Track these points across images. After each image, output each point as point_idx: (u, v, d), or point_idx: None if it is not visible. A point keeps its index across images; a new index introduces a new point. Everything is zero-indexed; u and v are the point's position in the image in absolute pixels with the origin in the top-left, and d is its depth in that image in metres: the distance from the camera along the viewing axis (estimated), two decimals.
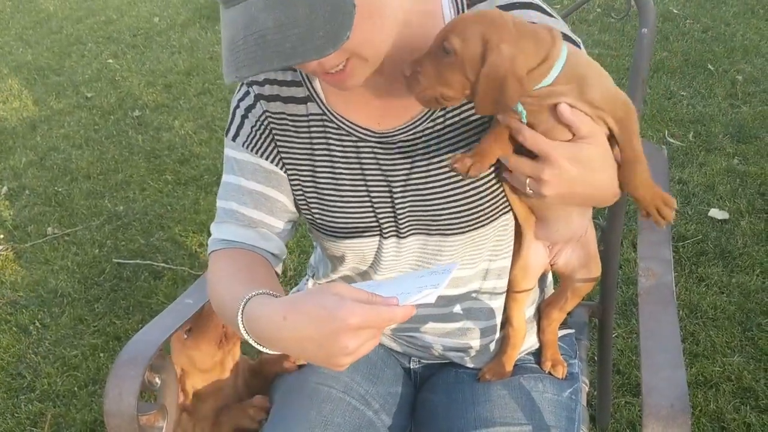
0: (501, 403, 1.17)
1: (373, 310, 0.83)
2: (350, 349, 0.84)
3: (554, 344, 1.25)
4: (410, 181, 1.09)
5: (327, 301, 0.85)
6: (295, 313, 0.87)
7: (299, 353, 0.89)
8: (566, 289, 1.21)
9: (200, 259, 2.76)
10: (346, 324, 0.82)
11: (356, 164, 1.10)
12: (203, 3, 5.38)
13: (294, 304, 0.89)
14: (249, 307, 0.95)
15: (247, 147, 1.13)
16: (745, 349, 2.10)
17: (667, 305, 1.09)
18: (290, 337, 0.87)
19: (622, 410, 1.95)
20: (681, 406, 0.92)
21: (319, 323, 0.84)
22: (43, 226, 3.10)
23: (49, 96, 4.32)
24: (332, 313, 0.83)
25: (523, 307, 1.19)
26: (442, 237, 1.11)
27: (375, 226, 1.12)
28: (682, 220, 2.62)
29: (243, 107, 1.13)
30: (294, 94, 1.10)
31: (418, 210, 1.10)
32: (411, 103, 1.05)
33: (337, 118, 1.09)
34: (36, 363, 2.38)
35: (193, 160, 3.44)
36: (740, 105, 3.29)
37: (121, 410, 1.08)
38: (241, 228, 1.14)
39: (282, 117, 1.11)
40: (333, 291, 0.86)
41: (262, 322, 0.92)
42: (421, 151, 1.07)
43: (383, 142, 1.08)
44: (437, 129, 1.06)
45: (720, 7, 4.25)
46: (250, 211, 1.13)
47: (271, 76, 1.11)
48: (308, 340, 0.86)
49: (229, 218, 1.14)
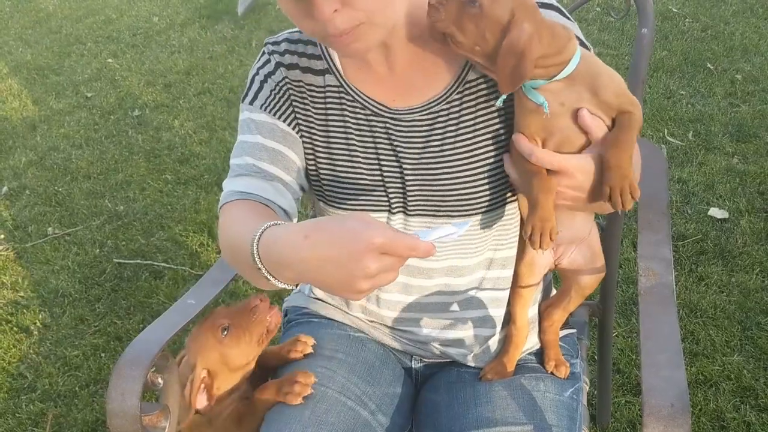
0: (502, 403, 1.17)
1: (398, 234, 0.83)
2: (371, 270, 0.81)
3: (556, 344, 1.25)
4: (422, 161, 1.11)
5: (352, 223, 0.83)
6: (317, 231, 0.85)
7: (317, 275, 0.85)
8: (569, 289, 1.21)
9: (201, 259, 2.77)
10: (371, 242, 0.80)
11: (369, 138, 1.13)
12: (203, 2, 5.38)
13: (318, 225, 0.86)
14: (266, 234, 0.91)
15: (265, 109, 1.15)
16: (745, 348, 2.11)
17: (667, 305, 1.09)
18: (310, 257, 0.84)
19: (623, 409, 1.96)
20: (681, 406, 0.92)
21: (343, 242, 0.82)
22: (44, 226, 3.10)
23: (49, 96, 4.32)
24: (357, 232, 0.81)
25: (527, 305, 1.20)
26: (449, 219, 1.13)
27: (384, 200, 1.14)
28: (682, 220, 2.62)
29: (263, 74, 1.16)
30: (312, 65, 1.14)
31: (427, 190, 1.12)
32: (427, 85, 1.09)
33: (354, 91, 1.12)
34: (37, 363, 2.38)
35: (193, 160, 3.44)
36: (739, 104, 3.29)
37: (123, 410, 1.08)
38: (256, 180, 1.12)
39: (300, 85, 1.14)
40: (357, 216, 0.85)
41: (281, 243, 0.88)
42: (435, 133, 1.10)
43: (397, 119, 1.10)
44: (453, 112, 1.09)
45: (719, 6, 4.25)
46: (267, 165, 1.13)
47: (292, 48, 1.15)
48: (329, 260, 0.82)
49: (244, 171, 1.13)
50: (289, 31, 1.18)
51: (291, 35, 1.17)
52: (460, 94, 1.08)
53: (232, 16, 5.06)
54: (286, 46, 1.16)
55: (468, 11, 0.95)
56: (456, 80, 1.08)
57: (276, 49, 1.17)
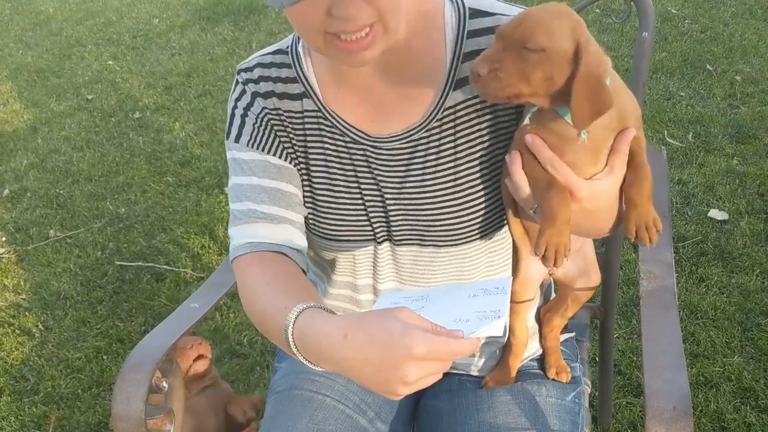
0: (504, 409, 1.17)
1: (439, 341, 0.79)
2: (410, 378, 0.80)
3: (557, 350, 1.25)
4: (404, 190, 1.08)
5: (392, 325, 0.81)
6: (358, 332, 0.83)
7: (355, 374, 0.85)
8: (566, 297, 1.21)
9: (202, 261, 2.77)
10: (411, 352, 0.78)
11: (349, 165, 1.09)
12: (203, 5, 5.38)
13: (357, 323, 0.84)
14: (301, 322, 0.90)
15: (253, 146, 1.11)
16: (745, 349, 2.12)
17: (668, 308, 1.10)
18: (350, 357, 0.83)
19: (624, 411, 1.96)
20: (683, 409, 0.93)
21: (382, 347, 0.80)
22: (45, 228, 3.10)
23: (50, 98, 4.32)
24: (397, 339, 0.79)
25: (525, 318, 1.20)
26: (435, 248, 1.11)
27: (368, 230, 1.12)
28: (682, 221, 2.63)
29: (241, 107, 1.12)
30: (288, 90, 1.09)
31: (411, 219, 1.10)
32: (406, 111, 1.05)
33: (332, 116, 1.08)
34: (39, 366, 2.39)
35: (194, 162, 3.44)
36: (739, 105, 3.30)
37: (129, 414, 1.09)
38: (262, 226, 1.09)
39: (279, 113, 1.10)
40: (398, 316, 0.82)
41: (320, 338, 0.87)
42: (416, 161, 1.06)
43: (377, 147, 1.07)
44: (433, 140, 1.05)
45: (718, 8, 4.26)
46: (269, 207, 1.09)
47: (265, 73, 1.10)
48: (367, 363, 0.82)
49: (247, 218, 1.09)
50: (259, 54, 1.13)
51: (263, 59, 1.11)
52: (439, 121, 1.04)
53: (232, 17, 5.07)
54: (260, 72, 1.10)
55: (530, 61, 0.87)
56: (435, 107, 1.04)
57: (250, 77, 1.11)
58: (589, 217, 0.98)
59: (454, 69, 1.03)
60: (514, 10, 1.02)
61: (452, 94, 1.03)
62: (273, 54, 1.11)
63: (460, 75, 1.03)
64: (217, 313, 2.48)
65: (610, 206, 0.99)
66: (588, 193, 0.95)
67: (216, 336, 2.40)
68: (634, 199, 0.96)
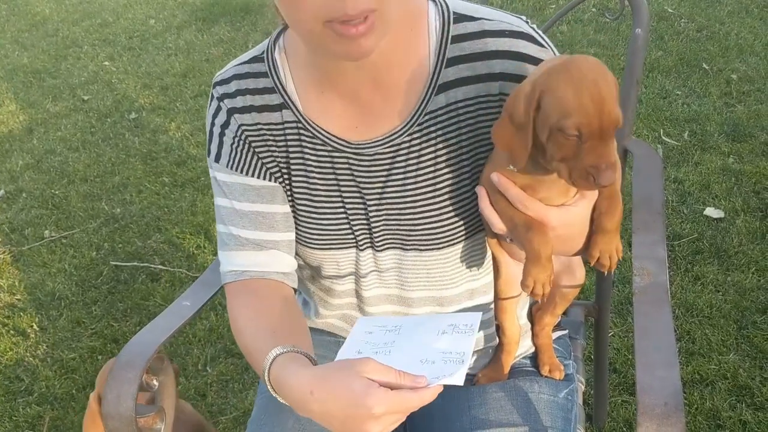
0: (497, 406, 1.17)
1: (400, 398, 0.86)
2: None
3: (550, 348, 1.25)
4: (385, 195, 1.07)
5: (355, 384, 0.86)
6: (322, 390, 0.89)
7: (325, 424, 0.92)
8: (554, 295, 1.21)
9: (197, 261, 2.77)
10: (371, 413, 0.84)
11: (331, 174, 1.08)
12: (199, 5, 5.38)
13: (322, 380, 0.90)
14: (275, 369, 0.96)
15: (232, 167, 1.10)
16: (741, 347, 2.11)
17: (661, 304, 1.09)
18: (317, 410, 0.90)
19: (619, 409, 1.96)
20: (675, 405, 0.92)
21: (345, 405, 0.86)
22: (40, 229, 3.10)
23: (46, 99, 4.31)
24: (359, 399, 0.85)
25: (513, 315, 1.19)
26: (418, 252, 1.11)
27: (350, 237, 1.11)
28: (678, 219, 2.63)
29: (218, 125, 1.10)
30: (268, 102, 1.07)
31: (393, 224, 1.09)
32: (389, 115, 1.04)
33: (312, 127, 1.06)
34: (34, 366, 2.38)
35: (189, 162, 3.44)
36: (735, 104, 3.30)
37: (119, 412, 1.08)
38: (247, 253, 1.11)
39: (258, 128, 1.08)
40: (362, 371, 0.86)
41: (289, 390, 0.94)
42: (398, 166, 1.06)
43: (359, 153, 1.06)
44: (415, 144, 1.04)
45: (714, 6, 4.26)
46: (251, 233, 1.11)
47: (242, 86, 1.08)
48: (333, 417, 0.88)
49: (232, 243, 1.12)
50: (235, 64, 1.10)
51: (239, 69, 1.09)
52: (420, 126, 1.03)
53: (228, 18, 5.07)
54: (237, 86, 1.08)
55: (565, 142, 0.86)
56: (416, 111, 1.02)
57: (226, 91, 1.08)
58: (562, 242, 0.99)
59: (437, 73, 1.01)
60: (498, 15, 1.01)
61: (434, 99, 1.02)
62: (249, 63, 1.09)
63: (443, 80, 1.01)
64: (212, 312, 2.47)
65: (582, 230, 0.99)
66: (561, 220, 0.96)
67: (211, 336, 2.39)
68: (605, 226, 0.97)
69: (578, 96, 0.83)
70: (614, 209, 0.97)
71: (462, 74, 1.01)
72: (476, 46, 1.00)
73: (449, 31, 1.01)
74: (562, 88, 0.84)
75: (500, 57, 0.99)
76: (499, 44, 0.99)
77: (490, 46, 0.99)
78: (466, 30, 1.00)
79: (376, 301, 1.18)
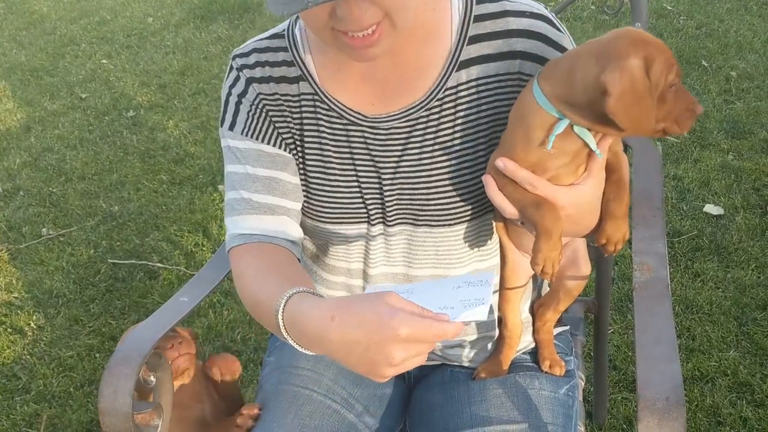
0: (497, 402, 1.16)
1: (425, 323, 0.82)
2: (396, 360, 0.82)
3: (551, 343, 1.24)
4: (400, 169, 1.08)
5: (379, 308, 0.83)
6: (344, 314, 0.85)
7: (342, 356, 0.87)
8: (558, 290, 1.20)
9: (195, 259, 2.76)
10: (396, 334, 0.81)
11: (346, 148, 1.09)
12: (197, 3, 5.36)
13: (344, 306, 0.87)
14: (291, 306, 0.92)
15: (247, 134, 1.11)
16: (741, 344, 2.11)
17: (661, 299, 1.09)
18: (337, 339, 0.85)
19: (619, 406, 1.95)
20: (676, 399, 0.92)
21: (369, 328, 0.83)
22: (38, 226, 3.09)
23: (43, 97, 4.30)
24: (384, 320, 0.82)
25: (516, 307, 1.19)
26: (429, 228, 1.11)
27: (363, 211, 1.12)
28: (677, 216, 2.62)
29: (235, 94, 1.11)
30: (286, 74, 1.09)
31: (406, 198, 1.10)
32: (406, 90, 1.06)
33: (329, 99, 1.08)
34: (31, 364, 2.37)
35: (187, 160, 3.43)
36: (734, 101, 3.29)
37: (115, 408, 1.07)
38: (257, 216, 1.10)
39: (276, 97, 1.10)
40: (385, 299, 0.84)
41: (308, 321, 0.89)
42: (414, 140, 1.07)
43: (375, 127, 1.07)
44: (432, 119, 1.06)
45: (713, 4, 4.26)
46: (263, 197, 1.10)
47: (262, 58, 1.10)
48: (355, 344, 0.84)
49: (242, 207, 1.10)
50: (255, 39, 1.13)
51: (259, 43, 1.11)
52: (440, 101, 1.05)
53: (226, 16, 5.05)
54: (256, 57, 1.10)
55: (669, 96, 0.93)
56: (436, 86, 1.04)
57: (245, 63, 1.11)
58: (572, 223, 1.00)
59: (459, 51, 1.04)
60: None
61: (455, 74, 1.04)
62: (269, 39, 1.12)
63: (464, 57, 1.04)
64: (211, 310, 2.47)
65: (591, 209, 1.01)
66: (570, 199, 0.97)
67: (209, 333, 2.38)
68: (613, 212, 1.00)
69: (665, 52, 0.93)
70: (622, 195, 1.00)
71: (483, 52, 1.03)
72: (498, 25, 1.02)
73: (472, 11, 1.03)
74: (656, 51, 0.92)
75: (521, 36, 1.02)
76: (520, 23, 1.02)
77: (511, 24, 1.02)
78: (487, 10, 1.03)
79: (380, 279, 1.18)
